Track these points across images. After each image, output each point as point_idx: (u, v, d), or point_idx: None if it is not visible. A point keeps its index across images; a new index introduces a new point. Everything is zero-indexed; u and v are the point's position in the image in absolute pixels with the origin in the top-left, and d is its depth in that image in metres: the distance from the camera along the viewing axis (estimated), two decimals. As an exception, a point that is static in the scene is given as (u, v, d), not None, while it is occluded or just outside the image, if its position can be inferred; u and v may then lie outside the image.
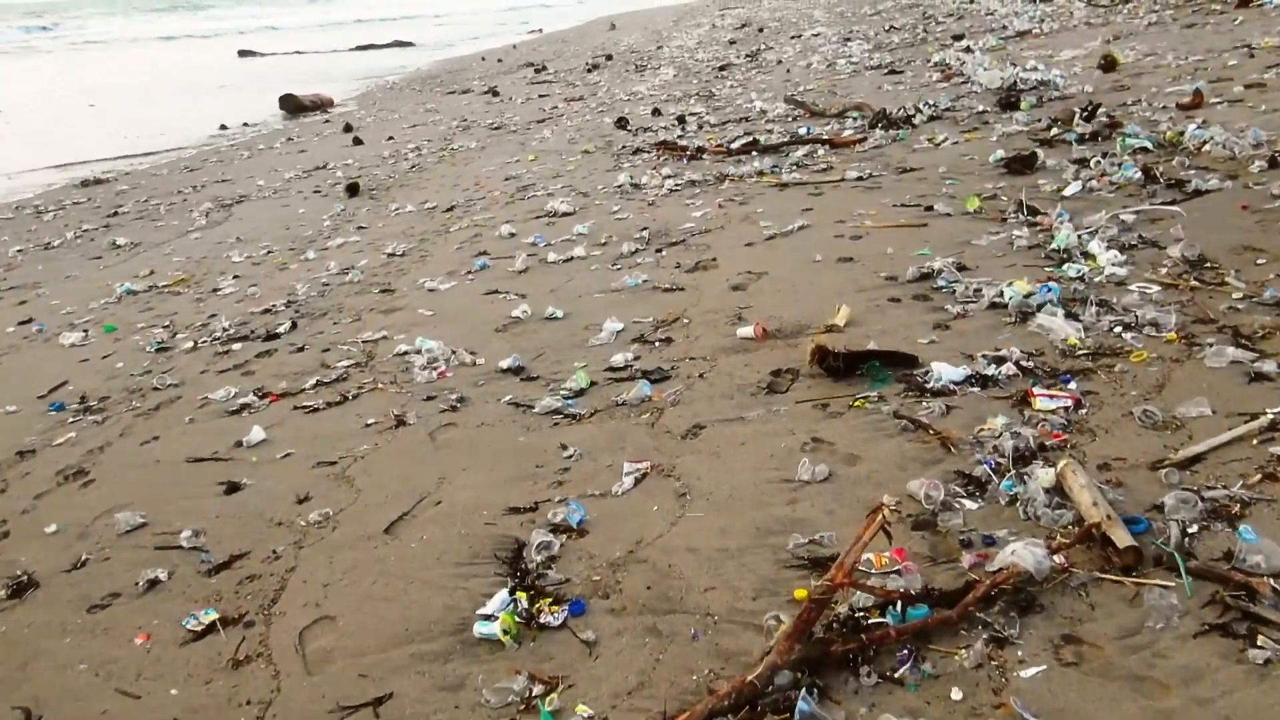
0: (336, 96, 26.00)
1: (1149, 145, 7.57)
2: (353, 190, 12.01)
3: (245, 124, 21.08)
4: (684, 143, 11.52)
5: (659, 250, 7.30)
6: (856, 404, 4.23)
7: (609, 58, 26.21)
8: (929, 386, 4.22)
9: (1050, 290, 4.93)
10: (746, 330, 5.21)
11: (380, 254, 8.71)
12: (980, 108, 10.48)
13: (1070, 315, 4.68)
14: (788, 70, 17.29)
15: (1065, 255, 5.55)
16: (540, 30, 48.13)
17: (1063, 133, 8.48)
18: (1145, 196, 6.45)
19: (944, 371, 4.25)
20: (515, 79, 24.81)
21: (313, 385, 5.69)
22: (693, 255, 7.04)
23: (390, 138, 16.85)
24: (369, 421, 5.03)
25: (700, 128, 12.63)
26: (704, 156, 10.55)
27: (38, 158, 17.83)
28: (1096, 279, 5.18)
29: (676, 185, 9.38)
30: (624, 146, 12.02)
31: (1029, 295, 4.93)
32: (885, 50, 17.80)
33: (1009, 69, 11.93)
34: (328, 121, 21.04)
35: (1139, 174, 6.84)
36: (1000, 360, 4.34)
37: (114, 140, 19.36)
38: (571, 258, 7.51)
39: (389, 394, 5.40)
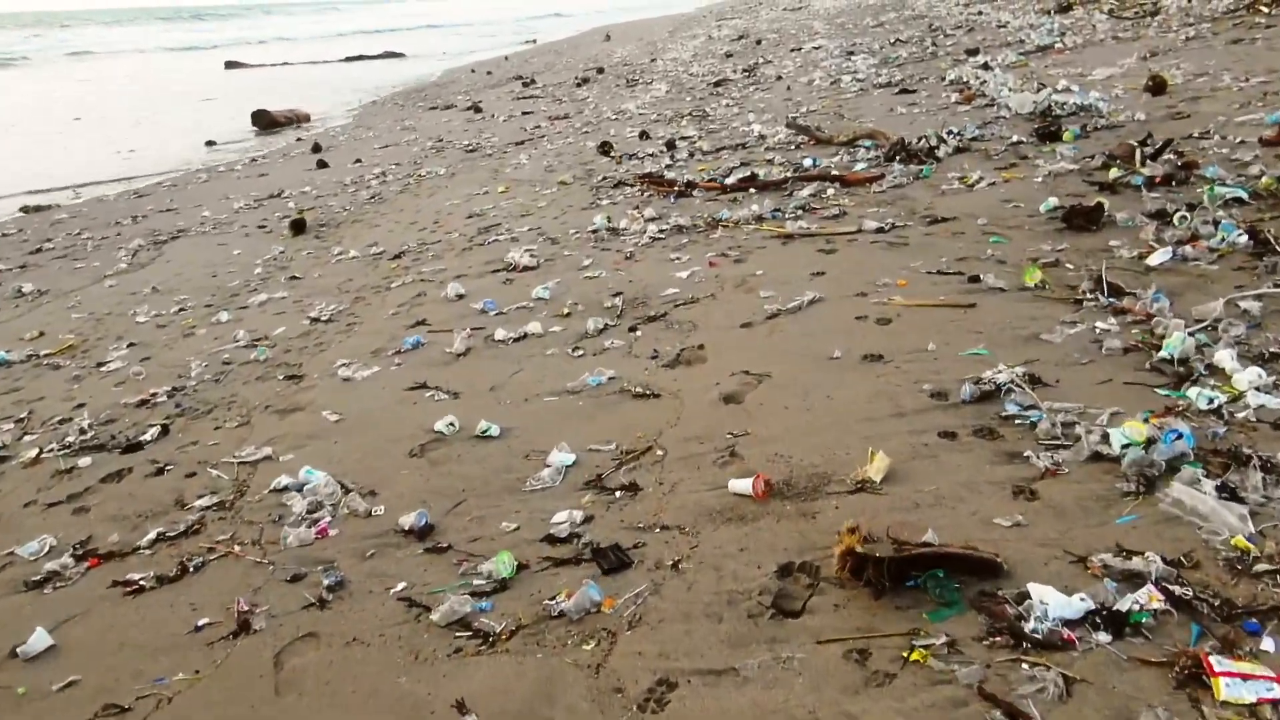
0: (317, 111, 24.46)
1: (1243, 195, 5.97)
2: (298, 228, 10.42)
3: (209, 143, 19.48)
4: (672, 175, 9.92)
5: (633, 329, 5.70)
6: (914, 656, 2.63)
7: (600, 71, 24.66)
8: (1027, 629, 2.62)
9: (1180, 438, 3.33)
10: (743, 485, 3.61)
11: (303, 318, 7.11)
12: (1014, 137, 8.88)
13: (1224, 488, 3.08)
14: (788, 88, 15.70)
15: (1183, 369, 3.95)
16: (534, 40, 46.62)
17: (1125, 174, 6.89)
18: (1263, 271, 4.86)
19: (1050, 602, 2.65)
20: (501, 93, 23.26)
21: (152, 540, 4.09)
22: (675, 338, 5.44)
23: (358, 160, 15.28)
24: (201, 622, 3.43)
25: (691, 156, 11.04)
26: (694, 194, 8.96)
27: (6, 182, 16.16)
28: (1240, 413, 3.58)
29: (660, 231, 7.79)
30: (605, 178, 10.43)
31: (1148, 445, 3.33)
32: (893, 66, 16.21)
33: (1040, 91, 10.33)
34: (300, 140, 19.48)
35: (1244, 236, 5.25)
36: (1134, 576, 2.75)
37: (83, 161, 17.85)
38: (525, 335, 5.91)
39: (244, 564, 3.79)
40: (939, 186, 7.69)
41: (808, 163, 9.32)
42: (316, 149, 17.21)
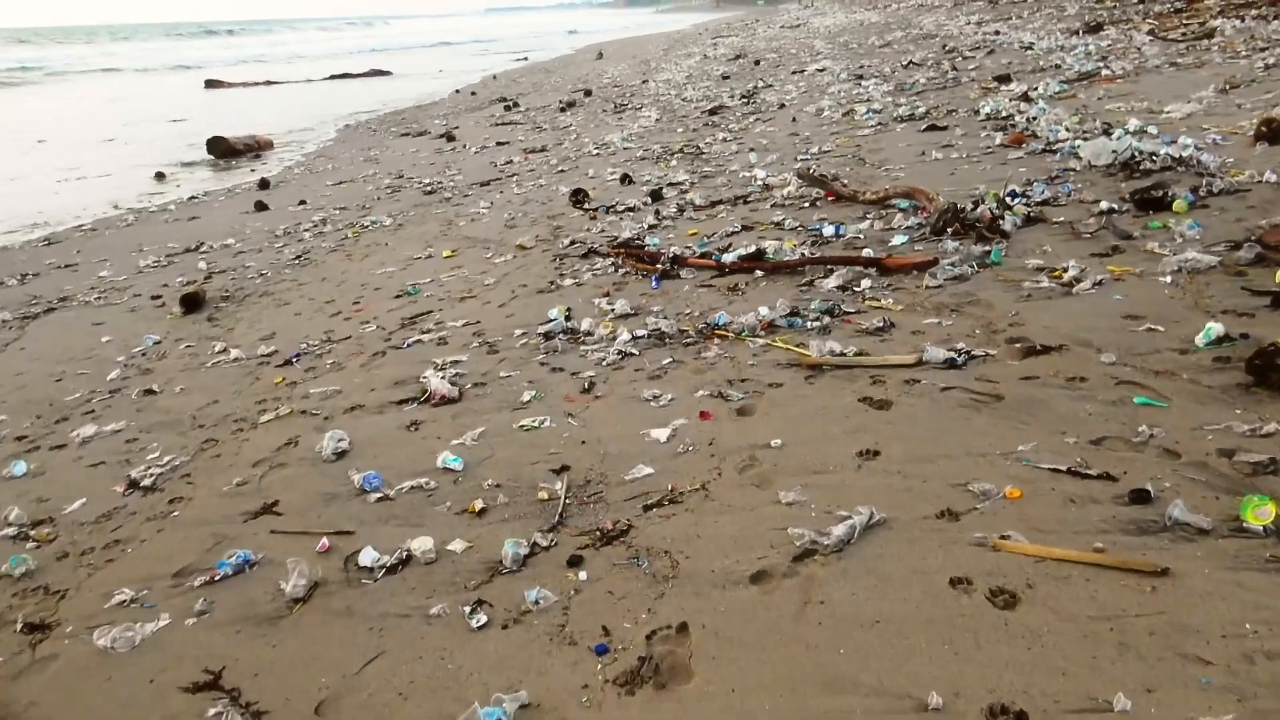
0: (284, 135, 22.25)
1: None
2: (190, 304, 8.14)
3: (158, 175, 17.21)
4: (654, 240, 7.66)
5: (574, 562, 3.41)
6: None
7: (587, 94, 22.45)
8: None
9: None
10: None
11: (120, 480, 4.82)
12: (1101, 203, 6.62)
13: None
14: (793, 118, 13.44)
15: None
16: (526, 58, 44.48)
17: (1303, 278, 4.63)
18: None
19: None
20: (481, 117, 21.04)
21: None
22: (641, 596, 3.16)
23: (302, 202, 13.01)
24: None
25: (681, 211, 8.77)
26: (682, 273, 6.69)
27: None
28: None
29: (635, 339, 5.52)
30: (573, 241, 8.16)
31: None
32: (910, 93, 13.97)
33: (1117, 136, 8.10)
34: (254, 171, 17.23)
35: None
36: None
37: (21, 194, 15.64)
38: (408, 557, 3.63)
39: None
40: (1018, 282, 5.41)
41: (829, 230, 7.05)
42: (263, 185, 14.95)
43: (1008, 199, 6.82)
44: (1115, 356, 4.24)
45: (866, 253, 6.28)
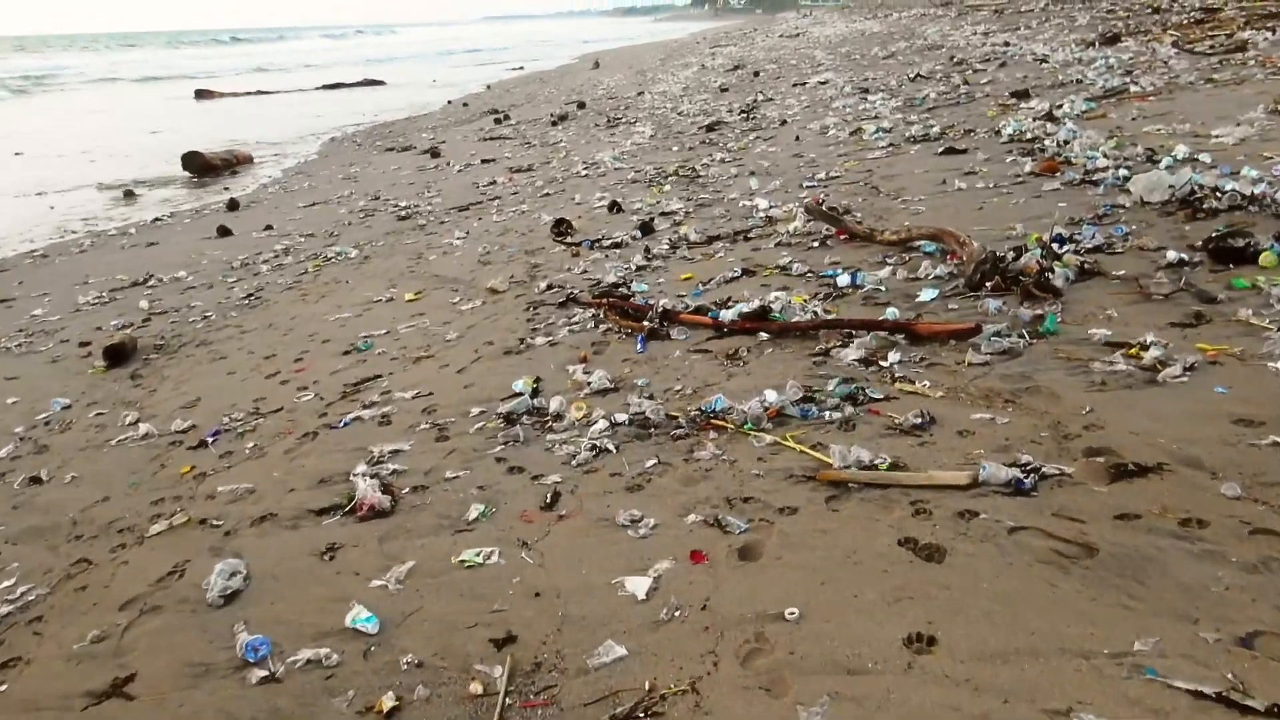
0: (268, 148, 21.24)
1: None
2: (115, 357, 7.08)
3: (128, 194, 16.16)
4: (642, 287, 6.60)
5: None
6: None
7: (580, 106, 21.42)
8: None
9: None
10: None
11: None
12: (1169, 253, 5.54)
13: None
14: (796, 137, 12.39)
15: None
16: (522, 68, 43.50)
17: None
18: None
19: None
20: (469, 131, 20.02)
21: None
22: None
23: (269, 227, 11.96)
24: None
25: (673, 248, 7.71)
26: (672, 333, 5.62)
27: None
28: None
29: (612, 427, 4.44)
30: (550, 286, 7.09)
31: None
32: (921, 110, 12.92)
33: (1166, 164, 7.05)
34: (227, 189, 16.19)
35: None
36: None
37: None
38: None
39: None
40: (1085, 362, 4.33)
41: (844, 279, 5.98)
42: (232, 206, 13.92)
43: (1054, 245, 5.75)
44: (1239, 488, 3.17)
45: (891, 313, 5.21)
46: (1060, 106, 10.79)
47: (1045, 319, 4.75)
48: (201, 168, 18.36)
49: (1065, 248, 5.74)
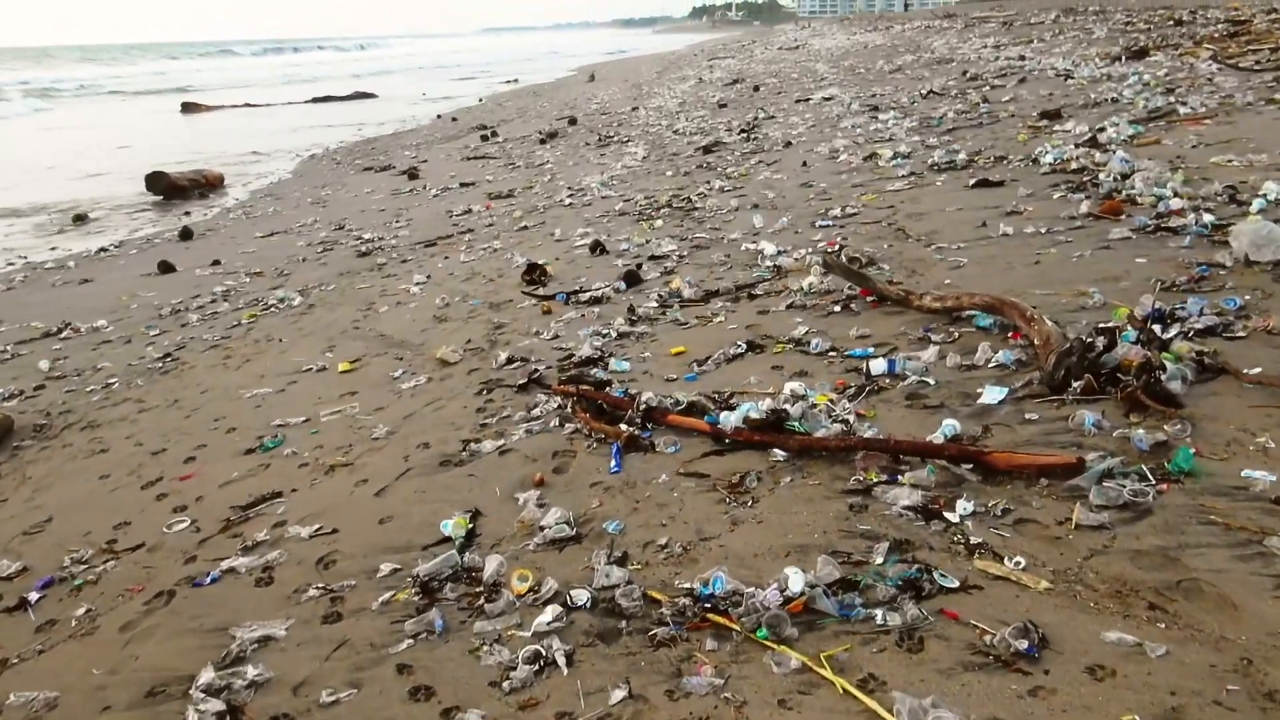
0: (243, 165, 19.91)
1: None
2: (-26, 445, 5.68)
3: (79, 218, 14.77)
4: (622, 364, 5.22)
5: None
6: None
7: (572, 122, 20.09)
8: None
9: None
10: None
11: None
12: (1308, 339, 4.15)
13: None
14: (804, 163, 11.02)
15: None
16: (516, 80, 42.24)
17: None
18: None
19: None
20: (454, 149, 18.67)
21: None
22: None
23: (216, 263, 10.58)
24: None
25: (663, 307, 6.31)
26: (657, 442, 4.22)
27: None
28: None
29: (567, 612, 3.04)
30: (510, 361, 5.69)
31: None
32: (939, 131, 11.56)
33: (1261, 209, 5.69)
34: (187, 214, 14.84)
35: None
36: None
37: None
38: None
39: None
40: (1257, 537, 2.93)
41: (878, 365, 4.59)
42: (185, 236, 12.55)
43: (1153, 324, 4.37)
44: None
45: (950, 428, 3.81)
46: (1103, 130, 9.42)
47: (1175, 452, 3.35)
48: (167, 189, 17.01)
49: (1170, 330, 4.35)
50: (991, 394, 4.14)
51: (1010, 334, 4.74)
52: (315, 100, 37.22)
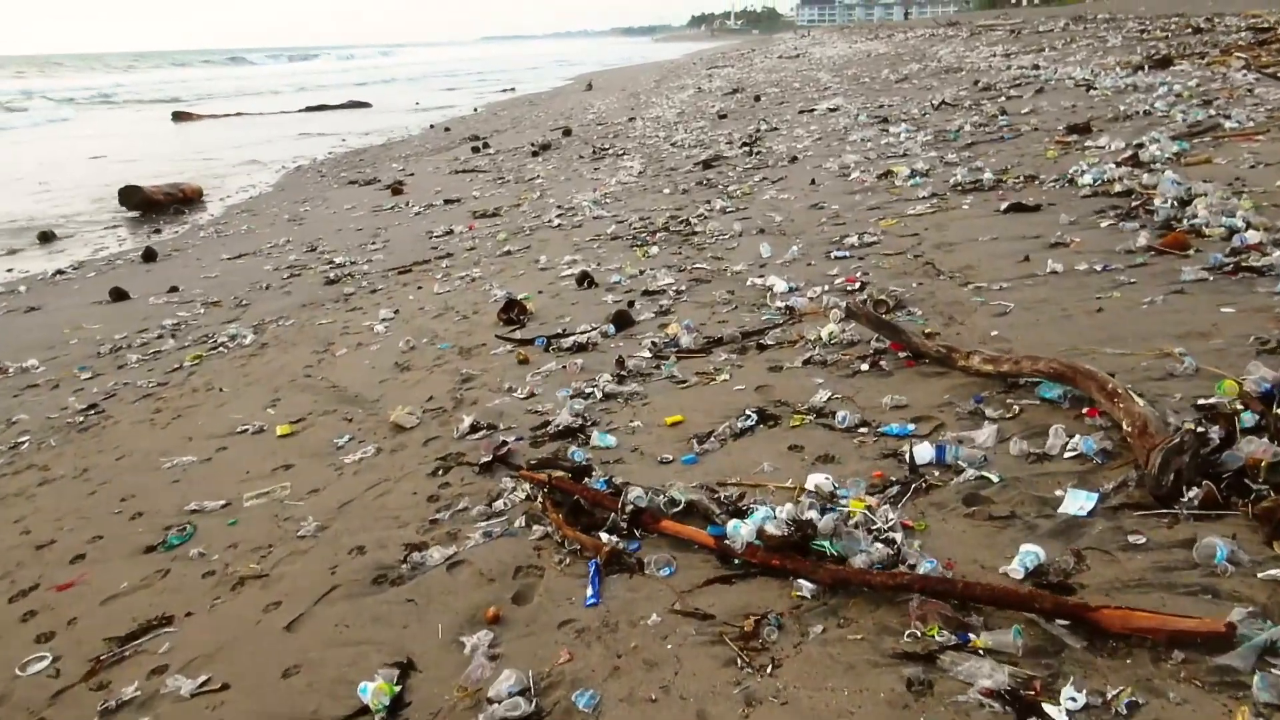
0: (225, 179, 18.98)
1: None
2: None
3: (45, 236, 13.82)
4: (607, 440, 4.26)
5: None
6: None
7: (566, 133, 19.17)
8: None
9: None
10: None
11: None
12: None
13: None
14: (812, 180, 10.08)
15: None
16: (513, 89, 41.37)
17: None
18: None
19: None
20: (443, 162, 17.75)
21: None
22: None
23: (174, 289, 9.63)
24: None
25: (658, 359, 5.35)
26: (647, 563, 3.25)
27: None
28: None
29: None
30: (474, 429, 4.72)
31: None
32: (957, 145, 10.63)
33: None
34: (158, 232, 13.92)
35: None
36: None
37: None
38: None
39: None
40: None
41: (924, 452, 3.63)
42: (148, 257, 11.62)
43: (1269, 401, 3.42)
44: None
45: (1029, 555, 2.85)
46: (1142, 146, 8.49)
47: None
48: (142, 204, 16.08)
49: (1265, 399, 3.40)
50: (1076, 500, 3.19)
51: (1088, 410, 3.78)
52: (309, 109, 36.34)
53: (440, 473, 4.30)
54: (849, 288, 6.01)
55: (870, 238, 7.18)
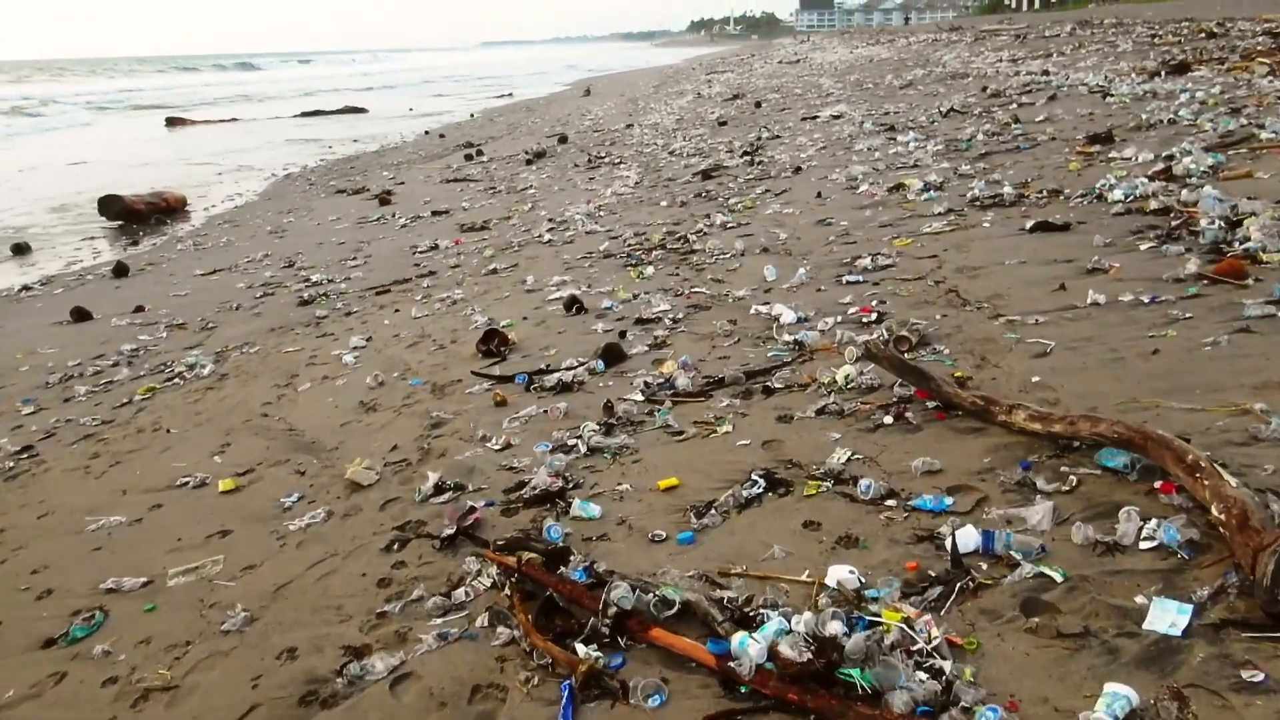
0: (211, 187, 18.35)
1: None
2: None
3: (18, 249, 13.18)
4: (590, 510, 3.62)
5: None
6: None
7: (562, 140, 18.56)
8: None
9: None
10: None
11: None
12: None
13: None
14: (819, 193, 9.45)
15: None
16: (511, 94, 40.80)
17: None
18: None
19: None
20: (435, 170, 17.15)
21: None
22: None
23: (138, 309, 9.01)
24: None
25: (651, 401, 4.71)
26: (633, 687, 2.61)
27: None
28: None
29: None
30: (439, 489, 4.07)
31: None
32: (970, 155, 10.02)
33: None
34: (134, 244, 13.30)
35: None
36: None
37: None
38: None
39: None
40: None
41: (968, 538, 2.99)
42: (119, 272, 10.98)
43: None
44: None
45: (1119, 699, 2.22)
46: (1173, 158, 7.86)
47: None
48: (122, 214, 15.43)
49: None
50: (1165, 614, 2.55)
51: (1160, 484, 3.15)
52: (305, 114, 35.75)
53: (396, 547, 3.67)
54: (864, 319, 5.38)
55: (885, 259, 6.55)
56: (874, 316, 5.35)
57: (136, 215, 15.43)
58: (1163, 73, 13.76)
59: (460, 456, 4.41)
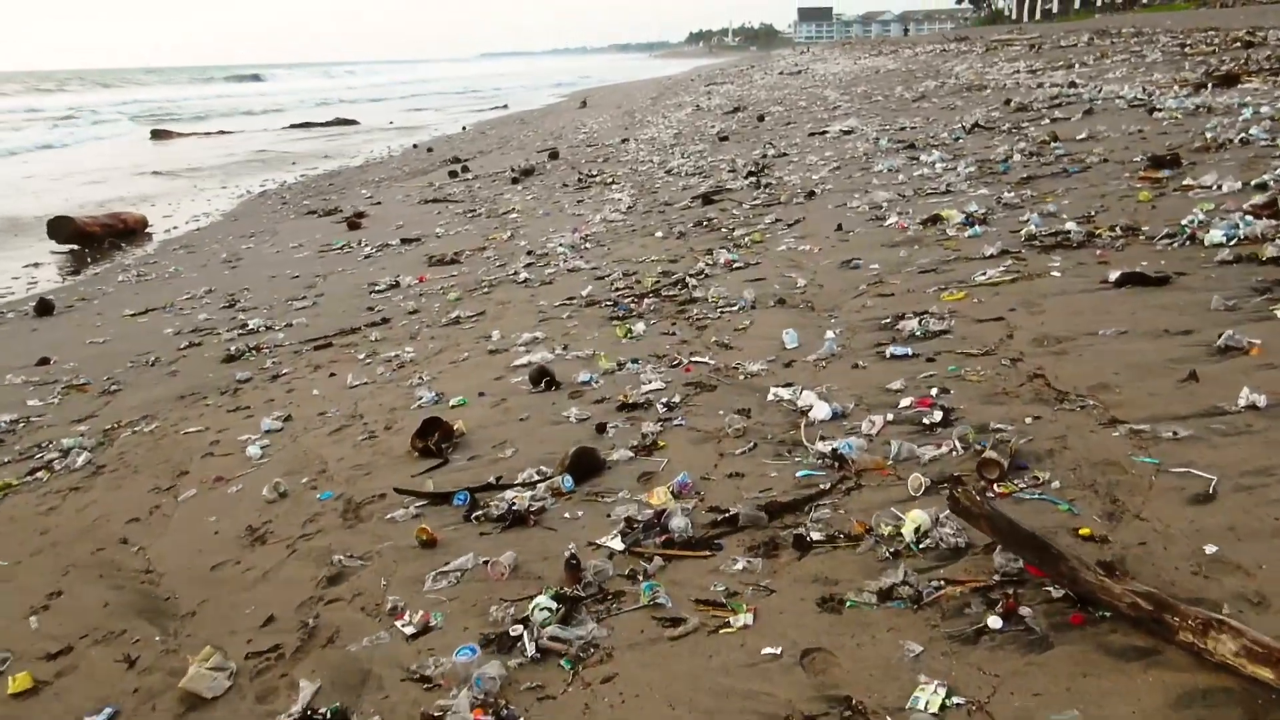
0: (178, 206, 16.93)
1: None
2: None
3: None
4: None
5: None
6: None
7: (553, 156, 17.15)
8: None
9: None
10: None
11: None
12: None
13: None
14: (839, 225, 8.01)
15: None
16: (505, 106, 39.46)
17: None
18: None
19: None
20: (414, 188, 15.75)
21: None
22: None
23: (43, 362, 7.59)
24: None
25: (635, 555, 3.25)
26: None
27: None
28: None
29: None
30: (311, 715, 2.62)
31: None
32: (1006, 180, 8.59)
33: None
34: (75, 274, 11.90)
35: None
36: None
37: None
38: None
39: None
40: None
41: None
42: (42, 310, 9.54)
43: None
44: None
45: None
46: (1265, 187, 6.44)
47: None
48: (74, 236, 14.01)
49: None
50: None
51: None
52: (293, 126, 34.41)
53: None
54: (923, 415, 3.93)
55: (935, 322, 5.10)
56: (937, 415, 3.89)
57: (89, 238, 14.02)
58: (1209, 85, 12.36)
59: (354, 648, 2.97)
